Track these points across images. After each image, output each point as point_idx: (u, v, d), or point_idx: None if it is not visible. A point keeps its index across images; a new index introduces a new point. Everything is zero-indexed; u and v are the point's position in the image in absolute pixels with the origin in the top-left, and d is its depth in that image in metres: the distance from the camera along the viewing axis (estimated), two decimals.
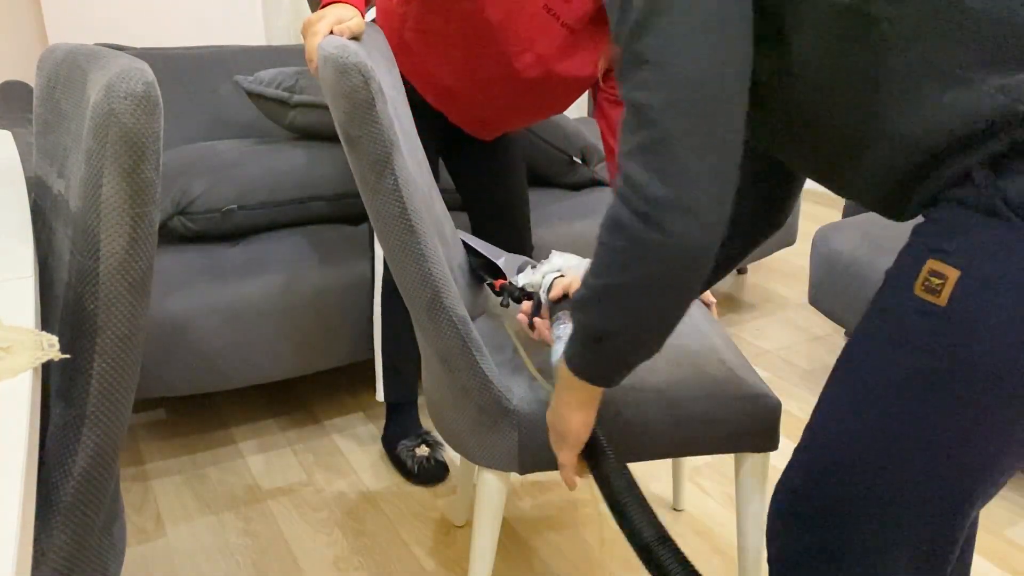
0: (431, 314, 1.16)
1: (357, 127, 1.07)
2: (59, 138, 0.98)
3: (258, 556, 1.61)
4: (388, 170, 1.09)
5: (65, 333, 0.83)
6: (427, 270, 1.14)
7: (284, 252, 1.92)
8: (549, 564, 1.58)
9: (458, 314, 1.16)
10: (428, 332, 1.19)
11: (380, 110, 1.07)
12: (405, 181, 1.11)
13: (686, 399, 1.20)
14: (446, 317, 1.16)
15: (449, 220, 1.45)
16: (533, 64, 1.54)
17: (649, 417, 1.19)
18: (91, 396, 0.83)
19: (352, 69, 1.04)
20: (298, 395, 2.21)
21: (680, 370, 1.23)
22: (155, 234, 0.84)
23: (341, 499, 1.78)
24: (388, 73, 1.34)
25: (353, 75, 1.05)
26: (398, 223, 1.12)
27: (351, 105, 1.06)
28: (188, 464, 1.91)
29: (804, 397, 2.17)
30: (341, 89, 1.05)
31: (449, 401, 1.24)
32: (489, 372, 1.18)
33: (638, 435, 1.21)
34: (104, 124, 0.77)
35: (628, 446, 1.22)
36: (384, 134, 1.08)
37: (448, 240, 1.38)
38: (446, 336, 1.17)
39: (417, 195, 1.15)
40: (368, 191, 1.12)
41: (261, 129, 2.45)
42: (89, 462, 0.84)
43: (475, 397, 1.19)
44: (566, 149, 2.32)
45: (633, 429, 1.20)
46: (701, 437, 1.22)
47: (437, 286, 1.15)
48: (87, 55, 0.93)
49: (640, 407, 1.19)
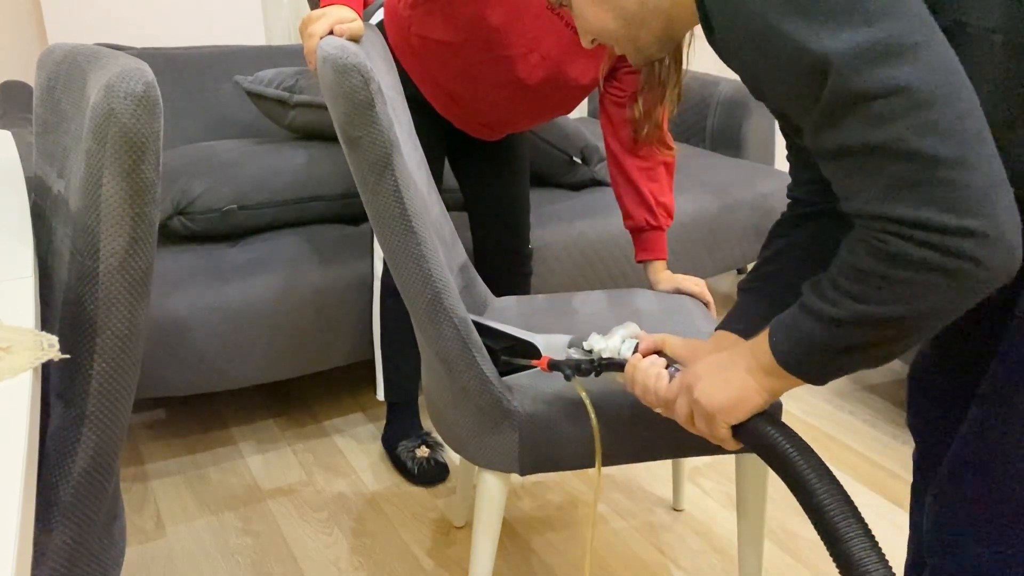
0: (431, 315, 1.16)
1: (357, 128, 1.07)
2: (59, 138, 0.97)
3: (258, 556, 1.61)
4: (388, 171, 1.09)
5: (65, 333, 0.83)
6: (427, 271, 1.14)
7: (284, 252, 1.92)
8: (549, 564, 1.58)
9: (458, 315, 1.16)
10: (428, 333, 1.19)
11: (380, 111, 1.07)
12: (405, 182, 1.11)
13: None
14: (446, 318, 1.16)
15: (448, 221, 1.45)
16: (539, 65, 1.53)
17: (649, 417, 1.18)
18: (91, 396, 0.82)
19: (352, 70, 1.04)
20: (298, 395, 2.21)
21: None
22: (155, 234, 0.84)
23: (341, 499, 1.78)
24: (387, 74, 1.33)
25: (353, 76, 1.04)
26: (398, 224, 1.12)
27: (351, 106, 1.06)
28: (188, 464, 1.91)
29: (804, 397, 2.18)
30: (341, 90, 1.05)
31: (449, 402, 1.24)
32: (489, 373, 1.18)
33: (639, 435, 1.20)
34: (104, 124, 0.77)
35: (628, 446, 1.21)
36: (384, 135, 1.08)
37: (447, 241, 1.38)
38: (446, 337, 1.17)
39: (416, 196, 1.14)
40: (368, 192, 1.12)
41: (261, 129, 2.45)
42: (89, 462, 0.84)
43: (475, 398, 1.19)
44: (566, 149, 2.32)
45: (634, 429, 1.20)
46: (685, 441, 1.20)
47: (437, 287, 1.14)
48: (87, 55, 0.93)
49: (640, 406, 1.18)
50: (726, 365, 0.90)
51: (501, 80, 1.56)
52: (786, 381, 0.86)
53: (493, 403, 1.18)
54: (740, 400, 0.89)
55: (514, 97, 1.59)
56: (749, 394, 0.88)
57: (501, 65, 1.53)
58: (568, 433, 1.20)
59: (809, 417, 2.08)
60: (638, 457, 1.22)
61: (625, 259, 2.26)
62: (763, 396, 0.88)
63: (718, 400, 0.90)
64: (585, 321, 1.40)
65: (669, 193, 1.62)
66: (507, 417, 1.18)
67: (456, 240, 1.46)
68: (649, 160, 1.58)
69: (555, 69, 1.54)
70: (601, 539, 1.65)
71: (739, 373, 0.89)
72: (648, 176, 1.59)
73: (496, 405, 1.18)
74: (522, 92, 1.58)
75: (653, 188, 1.59)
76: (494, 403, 1.18)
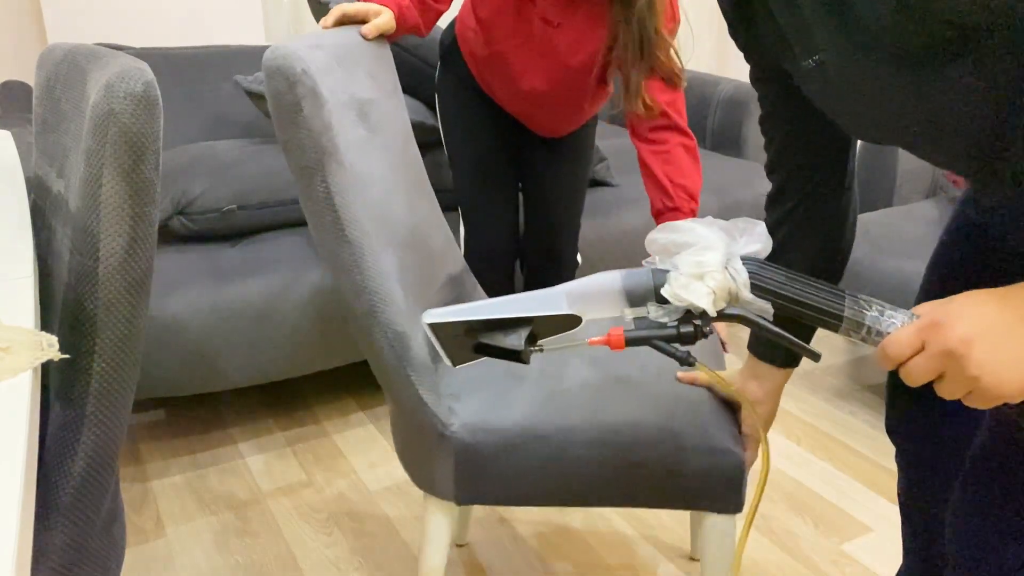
0: (366, 327, 1.10)
1: (283, 131, 1.04)
2: (59, 138, 0.97)
3: (258, 556, 1.61)
4: (318, 178, 1.05)
5: (65, 333, 0.83)
6: (359, 281, 1.08)
7: (284, 252, 1.92)
8: (549, 564, 1.58)
9: (394, 330, 1.09)
10: (363, 345, 1.13)
11: (308, 115, 1.02)
12: (342, 189, 1.06)
13: (641, 443, 1.10)
14: (381, 332, 1.09)
15: (439, 230, 1.40)
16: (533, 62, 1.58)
17: (597, 457, 1.10)
18: (90, 396, 0.82)
19: (276, 73, 1.01)
20: (298, 395, 2.21)
21: (641, 411, 1.13)
22: (155, 234, 0.84)
23: (341, 499, 1.78)
24: (370, 77, 1.27)
25: (277, 79, 1.01)
26: (330, 231, 1.07)
27: (276, 109, 1.03)
28: (188, 464, 1.91)
29: (804, 397, 2.17)
30: (268, 92, 1.03)
31: (394, 414, 1.19)
32: (425, 394, 1.11)
33: (583, 476, 1.12)
34: (104, 124, 0.77)
35: (571, 488, 1.13)
36: (313, 140, 1.03)
37: (432, 251, 1.31)
38: (380, 351, 1.10)
39: (358, 204, 1.08)
40: (301, 196, 1.09)
41: (261, 129, 2.45)
42: (89, 462, 0.84)
43: (409, 417, 1.13)
44: None
45: (579, 469, 1.12)
46: (653, 487, 1.12)
47: (372, 299, 1.08)
48: (86, 55, 0.93)
49: (590, 446, 1.11)
50: (1007, 326, 0.63)
51: (518, 89, 1.65)
52: None
53: (427, 425, 1.12)
54: None
55: (532, 101, 1.68)
56: None
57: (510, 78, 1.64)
58: (508, 468, 1.12)
59: (809, 417, 2.08)
60: (583, 502, 1.13)
61: (626, 259, 2.26)
62: None
63: (1016, 382, 0.63)
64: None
65: (691, 176, 1.57)
66: (442, 442, 1.11)
67: (448, 250, 1.40)
68: (664, 144, 1.57)
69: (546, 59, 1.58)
70: (601, 539, 1.65)
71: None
72: (663, 159, 1.57)
73: (431, 428, 1.11)
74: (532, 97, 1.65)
75: (668, 170, 1.57)
76: (428, 425, 1.12)
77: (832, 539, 1.64)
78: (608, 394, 1.17)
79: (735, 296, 0.73)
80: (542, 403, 1.15)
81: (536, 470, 1.12)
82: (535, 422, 1.12)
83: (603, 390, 1.18)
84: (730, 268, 0.73)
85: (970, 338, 0.63)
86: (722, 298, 0.72)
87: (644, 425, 1.11)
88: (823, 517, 1.70)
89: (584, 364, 1.24)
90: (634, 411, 1.13)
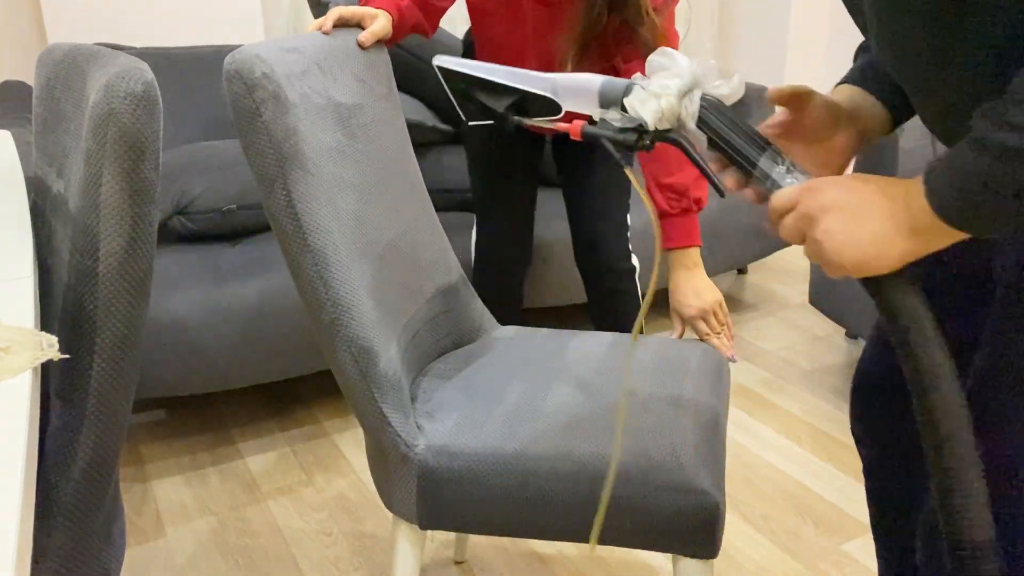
0: (329, 339, 1.06)
1: (243, 136, 1.01)
2: (59, 138, 0.97)
3: (258, 556, 1.61)
4: (278, 185, 1.01)
5: (64, 333, 0.83)
6: (324, 293, 1.04)
7: None
8: (549, 564, 1.58)
9: (360, 345, 1.05)
10: (327, 357, 1.09)
11: (268, 120, 0.99)
12: (306, 196, 1.03)
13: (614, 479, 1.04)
14: (344, 345, 1.05)
15: (436, 240, 1.36)
16: None
17: (563, 490, 1.04)
18: (91, 396, 0.82)
19: (234, 77, 0.98)
20: (298, 395, 2.21)
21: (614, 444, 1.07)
22: (155, 234, 0.84)
23: (341, 499, 1.78)
24: (358, 81, 1.24)
25: (235, 83, 0.98)
26: (292, 240, 1.03)
27: (234, 113, 1.00)
28: (188, 464, 1.91)
29: (804, 397, 2.17)
30: (227, 96, 1.00)
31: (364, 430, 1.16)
32: (389, 412, 1.07)
33: (547, 509, 1.05)
34: (104, 124, 0.77)
35: (534, 521, 1.07)
36: (273, 146, 1.00)
37: (421, 262, 1.28)
38: (343, 365, 1.06)
39: (325, 212, 1.05)
40: (263, 202, 1.05)
41: None
42: (89, 462, 0.84)
43: (372, 435, 1.10)
44: None
45: (542, 500, 1.05)
46: (621, 526, 1.05)
47: (335, 312, 1.04)
48: (86, 55, 0.93)
49: (555, 478, 1.04)
50: (864, 208, 0.72)
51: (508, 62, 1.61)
52: (936, 239, 0.71)
53: (391, 446, 1.08)
54: (876, 257, 0.72)
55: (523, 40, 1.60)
56: (886, 250, 0.72)
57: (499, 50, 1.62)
58: (469, 494, 1.07)
59: (810, 417, 2.07)
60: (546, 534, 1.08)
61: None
62: (902, 255, 0.73)
63: (849, 255, 0.72)
64: (577, 361, 1.26)
65: (678, 173, 1.49)
66: (405, 464, 1.07)
67: (441, 261, 1.36)
68: None
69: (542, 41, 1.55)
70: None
71: (880, 223, 0.72)
72: (650, 156, 1.49)
73: (394, 448, 1.07)
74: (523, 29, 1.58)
75: (655, 169, 1.50)
76: (391, 446, 1.08)
77: (832, 539, 1.64)
78: (584, 422, 1.10)
79: (682, 124, 0.81)
80: (512, 428, 1.09)
81: (498, 499, 1.06)
82: (500, 448, 1.06)
83: (580, 417, 1.11)
84: (686, 98, 0.80)
85: (828, 207, 0.72)
86: (668, 120, 0.80)
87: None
88: (823, 517, 1.70)
89: (570, 387, 1.18)
90: (607, 443, 1.06)
